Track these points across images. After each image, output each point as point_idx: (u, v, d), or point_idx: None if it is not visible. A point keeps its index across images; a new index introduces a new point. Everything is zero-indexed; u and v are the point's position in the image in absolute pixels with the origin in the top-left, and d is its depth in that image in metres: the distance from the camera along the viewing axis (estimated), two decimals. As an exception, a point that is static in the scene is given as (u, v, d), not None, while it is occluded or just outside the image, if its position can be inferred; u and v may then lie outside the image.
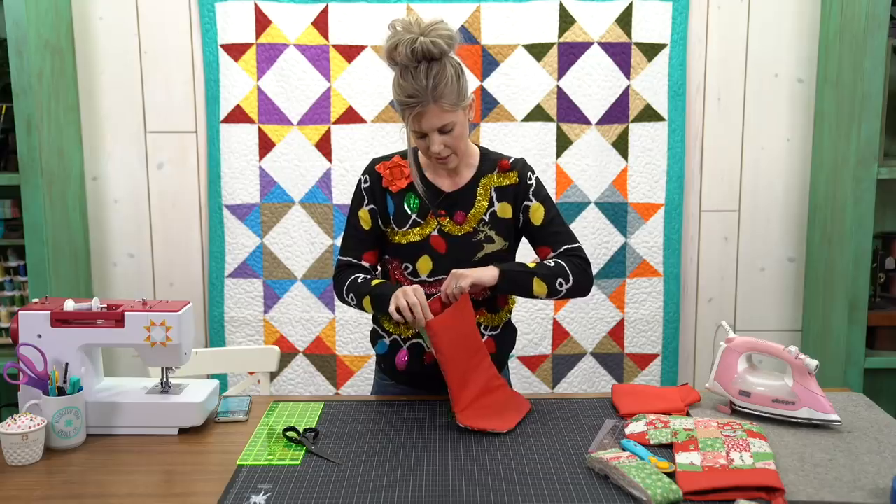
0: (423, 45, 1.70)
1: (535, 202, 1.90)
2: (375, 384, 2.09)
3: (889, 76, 2.63)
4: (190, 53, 2.93)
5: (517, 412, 1.82)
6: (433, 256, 1.88)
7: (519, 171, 1.91)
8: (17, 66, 2.57)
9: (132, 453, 1.66)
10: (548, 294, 1.83)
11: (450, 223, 1.88)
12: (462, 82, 1.77)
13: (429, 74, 1.71)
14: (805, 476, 1.51)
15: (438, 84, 1.72)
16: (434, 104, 1.73)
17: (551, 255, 1.90)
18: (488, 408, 1.81)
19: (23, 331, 1.73)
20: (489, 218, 1.89)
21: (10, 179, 2.66)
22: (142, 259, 3.03)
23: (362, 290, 1.86)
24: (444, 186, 1.90)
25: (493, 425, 1.74)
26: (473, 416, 1.77)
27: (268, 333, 2.99)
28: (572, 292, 1.86)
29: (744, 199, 3.02)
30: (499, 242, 1.89)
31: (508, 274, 1.80)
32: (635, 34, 2.88)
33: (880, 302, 2.85)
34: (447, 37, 1.73)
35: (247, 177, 2.94)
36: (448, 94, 1.74)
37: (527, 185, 1.90)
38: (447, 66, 1.74)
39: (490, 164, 1.92)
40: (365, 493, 1.47)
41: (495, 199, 1.90)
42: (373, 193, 1.91)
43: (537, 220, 1.90)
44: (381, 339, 1.99)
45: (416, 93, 1.72)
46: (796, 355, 1.73)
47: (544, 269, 1.83)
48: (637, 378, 3.04)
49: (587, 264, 1.89)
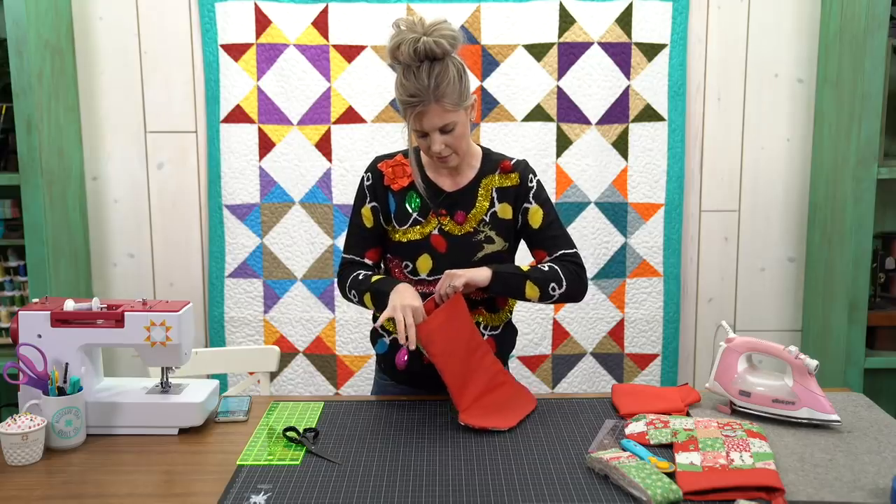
0: (426, 45, 1.70)
1: (535, 205, 1.91)
2: (375, 384, 2.09)
3: (889, 76, 2.63)
4: (190, 53, 2.93)
5: (521, 409, 1.82)
6: (433, 255, 1.88)
7: (520, 172, 1.91)
8: (17, 66, 2.57)
9: (132, 453, 1.66)
10: (540, 298, 1.84)
11: (450, 223, 1.89)
12: (464, 82, 1.77)
13: (431, 74, 1.72)
14: (805, 476, 1.51)
15: (440, 84, 1.72)
16: (436, 104, 1.73)
17: (547, 259, 1.90)
18: (491, 405, 1.81)
19: (23, 331, 1.73)
20: (490, 218, 1.89)
21: (10, 179, 2.66)
22: (142, 259, 3.03)
23: (363, 287, 1.87)
24: (446, 186, 1.91)
25: (495, 423, 1.74)
26: (475, 414, 1.77)
27: (268, 333, 2.99)
28: (565, 298, 1.87)
29: (744, 199, 3.02)
30: (499, 243, 1.90)
31: (501, 276, 1.81)
32: (635, 34, 2.88)
33: (880, 302, 2.85)
34: (450, 37, 1.73)
35: (247, 177, 2.94)
36: (450, 94, 1.74)
37: (527, 187, 1.90)
38: (450, 66, 1.74)
39: (492, 164, 1.92)
40: (365, 493, 1.47)
41: (496, 200, 1.90)
42: (375, 191, 1.92)
43: (535, 223, 1.91)
44: (381, 338, 1.99)
45: (418, 92, 1.72)
46: (796, 355, 1.73)
47: (538, 273, 1.84)
48: (637, 378, 3.04)
49: (582, 270, 1.89)
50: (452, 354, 1.79)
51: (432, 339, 1.76)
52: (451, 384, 1.78)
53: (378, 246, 1.95)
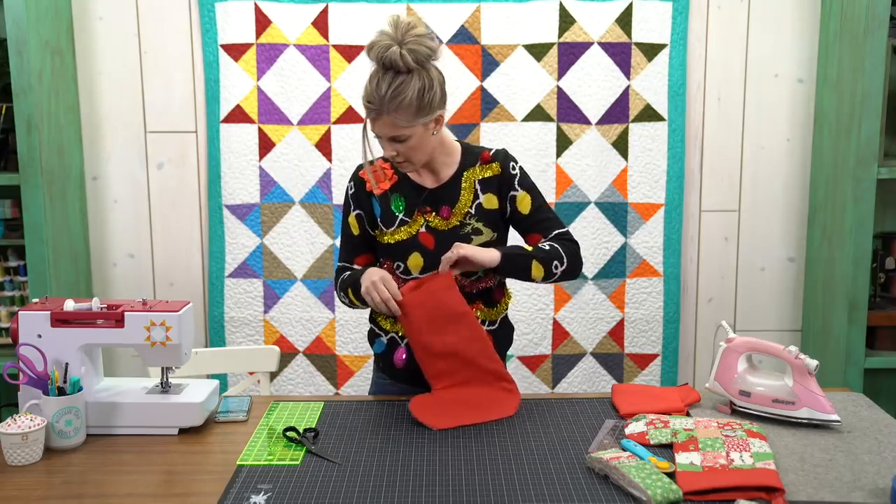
0: (392, 56, 1.70)
1: (522, 191, 1.92)
2: (374, 383, 2.09)
3: (889, 76, 2.63)
4: (190, 53, 2.93)
5: (490, 412, 1.82)
6: (423, 253, 1.89)
7: (501, 161, 1.92)
8: (17, 66, 2.57)
9: (132, 453, 1.66)
10: (544, 277, 1.86)
11: (436, 219, 1.90)
12: (428, 99, 1.74)
13: (391, 85, 1.72)
14: (805, 476, 1.51)
15: (396, 98, 1.72)
16: (387, 115, 1.74)
17: (543, 240, 1.92)
18: (462, 403, 1.82)
19: (23, 331, 1.73)
20: (475, 210, 1.90)
21: (10, 179, 2.66)
22: (142, 259, 3.03)
23: (345, 286, 1.92)
24: (427, 183, 1.92)
25: (441, 421, 1.76)
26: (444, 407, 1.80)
27: (268, 333, 2.99)
28: (566, 274, 1.89)
29: (744, 199, 3.02)
30: (487, 234, 1.91)
31: (509, 256, 1.82)
32: (635, 34, 2.88)
33: (880, 302, 2.85)
34: (423, 52, 1.72)
35: (247, 177, 2.94)
36: (404, 110, 1.73)
37: (510, 174, 1.91)
38: (413, 81, 1.72)
39: (472, 157, 1.93)
40: (365, 493, 1.47)
41: (479, 192, 1.91)
42: (358, 199, 1.94)
43: (525, 209, 1.92)
44: (379, 337, 2.00)
45: (373, 100, 1.74)
46: (796, 355, 1.73)
47: (541, 253, 1.86)
48: (637, 378, 3.04)
49: (577, 247, 1.92)
50: (427, 331, 1.81)
51: (405, 310, 1.79)
52: (419, 357, 1.83)
53: (367, 252, 1.98)
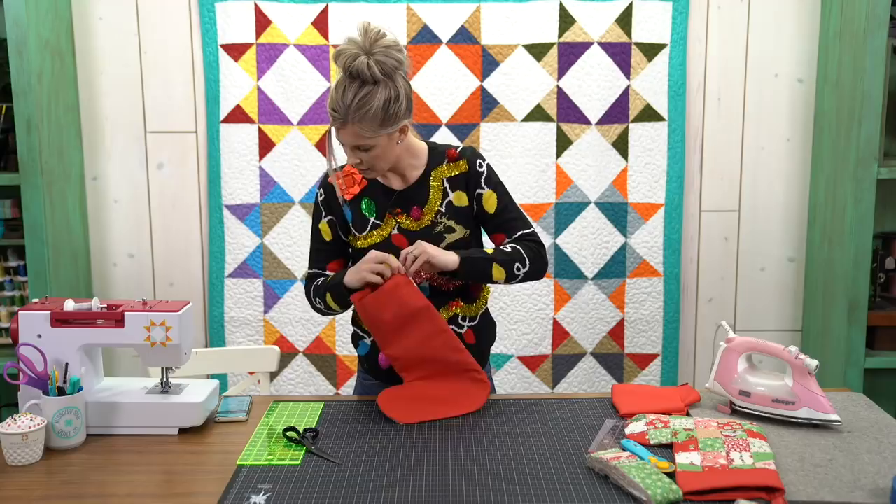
0: (359, 66, 1.69)
1: (488, 189, 1.91)
2: (359, 384, 2.09)
3: (889, 76, 2.63)
4: (190, 53, 2.93)
5: (460, 406, 1.83)
6: (397, 255, 1.88)
7: (468, 158, 1.92)
8: (17, 66, 2.57)
9: (132, 453, 1.66)
10: (506, 279, 1.87)
11: (407, 220, 1.90)
12: (393, 110, 1.73)
13: (356, 95, 1.70)
14: (805, 476, 1.51)
15: (360, 108, 1.71)
16: (351, 125, 1.73)
17: (507, 241, 1.92)
18: (430, 398, 1.83)
19: (23, 331, 1.73)
20: (446, 209, 1.90)
21: (10, 179, 2.66)
22: (142, 259, 3.03)
23: (321, 291, 1.92)
24: (395, 185, 1.92)
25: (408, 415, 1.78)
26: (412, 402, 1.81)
27: (268, 333, 2.99)
28: (528, 277, 1.90)
29: (744, 199, 3.02)
30: (459, 231, 1.90)
31: (468, 260, 1.82)
32: (635, 34, 2.88)
33: (880, 302, 2.85)
34: (390, 64, 1.71)
35: (247, 177, 2.94)
36: (369, 121, 1.72)
37: (477, 171, 1.91)
38: (379, 91, 1.71)
39: (439, 156, 1.93)
40: (365, 493, 1.47)
41: (448, 190, 1.91)
42: (329, 206, 1.94)
43: (490, 208, 1.92)
44: (363, 339, 2.01)
45: (339, 108, 1.72)
46: (796, 355, 1.73)
47: (503, 255, 1.86)
48: (637, 378, 3.04)
49: (542, 248, 1.92)
50: (391, 331, 1.83)
51: (366, 313, 1.81)
52: (388, 354, 1.85)
53: (339, 258, 1.98)
